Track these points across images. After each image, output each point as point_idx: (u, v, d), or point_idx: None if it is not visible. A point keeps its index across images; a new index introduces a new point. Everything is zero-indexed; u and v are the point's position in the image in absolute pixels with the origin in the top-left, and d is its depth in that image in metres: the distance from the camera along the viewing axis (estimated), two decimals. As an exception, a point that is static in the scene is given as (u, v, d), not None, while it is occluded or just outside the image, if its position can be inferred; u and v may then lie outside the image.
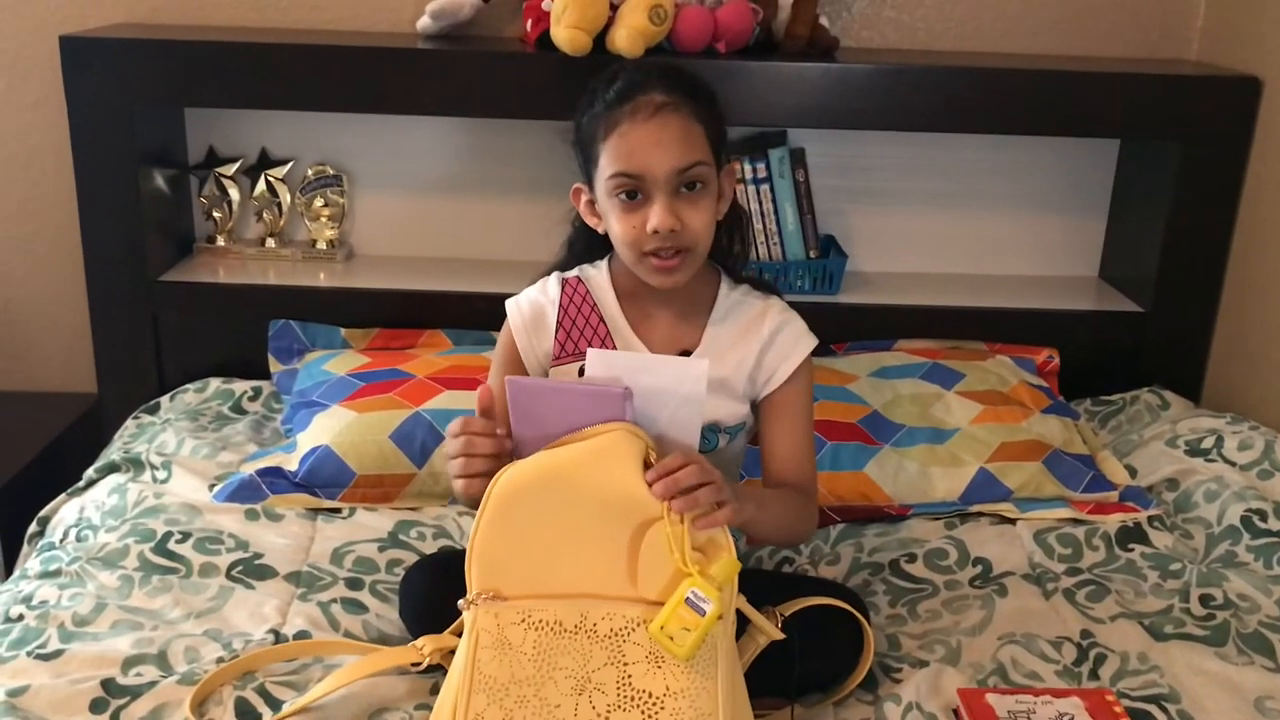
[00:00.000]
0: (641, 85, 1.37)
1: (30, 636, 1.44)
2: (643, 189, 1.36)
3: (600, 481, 1.19)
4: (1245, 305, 2.16)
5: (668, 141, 1.35)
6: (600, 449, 1.20)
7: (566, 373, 1.48)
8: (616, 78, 1.39)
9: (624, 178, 1.36)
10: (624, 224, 1.38)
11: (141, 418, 2.06)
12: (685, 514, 1.18)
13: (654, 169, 1.35)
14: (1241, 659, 1.49)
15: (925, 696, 1.37)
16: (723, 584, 1.17)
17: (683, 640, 1.15)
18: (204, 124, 2.29)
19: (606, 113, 1.37)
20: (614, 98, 1.37)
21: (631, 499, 1.19)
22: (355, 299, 2.20)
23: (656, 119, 1.35)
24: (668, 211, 1.35)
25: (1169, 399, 2.15)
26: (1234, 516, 1.76)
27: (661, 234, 1.36)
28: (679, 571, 1.17)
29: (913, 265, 2.41)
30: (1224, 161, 2.15)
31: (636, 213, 1.37)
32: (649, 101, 1.36)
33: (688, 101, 1.37)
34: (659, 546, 1.18)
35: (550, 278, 1.53)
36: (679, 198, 1.37)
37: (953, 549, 1.73)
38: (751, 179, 2.21)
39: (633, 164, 1.35)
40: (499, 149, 2.31)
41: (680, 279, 1.41)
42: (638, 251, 1.39)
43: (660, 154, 1.35)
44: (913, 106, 2.09)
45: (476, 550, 1.22)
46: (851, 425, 1.92)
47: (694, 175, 1.37)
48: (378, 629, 1.52)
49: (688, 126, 1.37)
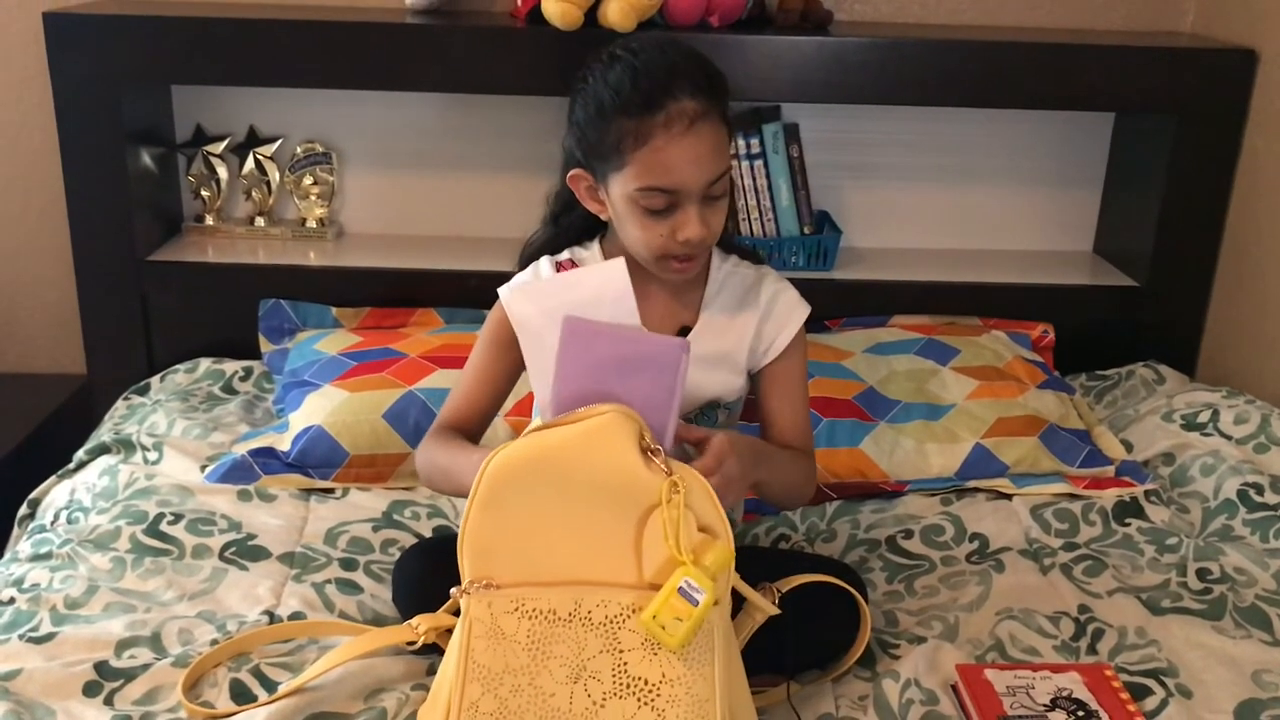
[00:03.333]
0: (670, 89, 1.31)
1: (22, 620, 1.43)
2: (674, 201, 1.34)
3: (594, 465, 1.17)
4: (1241, 279, 2.15)
5: (704, 157, 1.33)
6: (593, 431, 1.17)
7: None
8: (636, 71, 1.32)
9: (659, 193, 1.33)
10: (649, 232, 1.36)
11: (132, 399, 2.05)
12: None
13: (689, 184, 1.33)
14: (1239, 632, 1.49)
15: (923, 673, 1.37)
16: (717, 574, 1.15)
17: (675, 630, 1.13)
18: (191, 101, 2.27)
19: (633, 119, 1.31)
20: (641, 101, 1.31)
21: (628, 482, 1.16)
22: (346, 278, 2.19)
23: (693, 134, 1.31)
24: (701, 223, 1.35)
25: (1164, 373, 2.15)
26: (1230, 490, 1.76)
27: (693, 243, 1.35)
28: (673, 559, 1.15)
29: (907, 241, 2.40)
30: (1220, 135, 2.13)
31: (664, 221, 1.35)
32: (682, 111, 1.31)
33: (717, 105, 1.34)
34: (661, 531, 1.16)
35: (542, 261, 1.50)
36: (706, 204, 1.36)
37: (949, 525, 1.73)
38: (745, 154, 2.19)
39: (669, 180, 1.33)
40: (490, 126, 2.29)
41: (696, 271, 1.43)
42: (659, 255, 1.38)
43: (697, 170, 1.32)
44: (907, 80, 2.07)
45: (467, 538, 1.20)
46: (847, 401, 1.92)
47: (722, 184, 1.36)
48: (372, 609, 1.51)
49: (719, 135, 1.34)
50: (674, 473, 1.16)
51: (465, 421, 1.48)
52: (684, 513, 1.15)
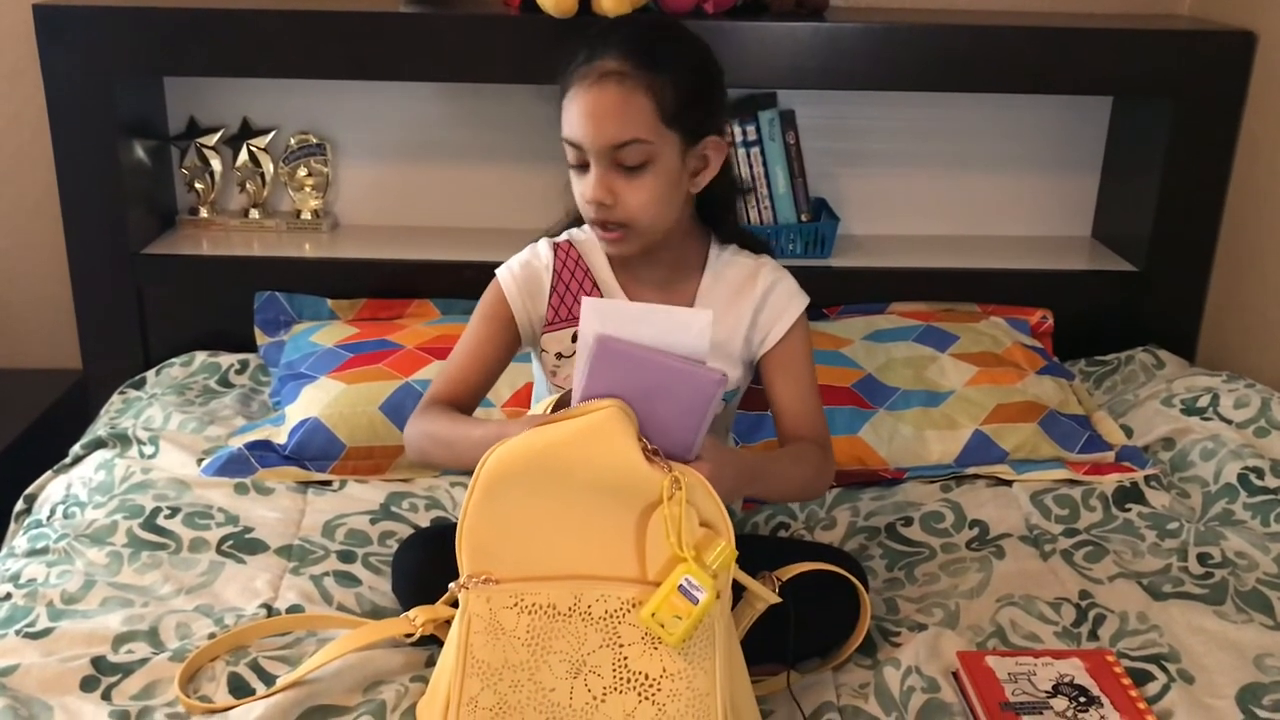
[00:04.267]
0: (600, 48, 1.32)
1: (19, 615, 1.43)
2: (583, 158, 1.34)
3: (593, 460, 1.15)
4: (1240, 263, 2.14)
5: (600, 115, 1.31)
6: (591, 427, 1.15)
7: (559, 339, 1.45)
8: (594, 33, 1.36)
9: (569, 146, 1.35)
10: (576, 190, 1.38)
11: (127, 393, 2.04)
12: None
13: (584, 139, 1.33)
14: (1240, 617, 1.48)
15: (924, 660, 1.36)
16: (718, 571, 1.14)
17: (674, 628, 1.13)
18: (184, 93, 2.25)
19: (570, 72, 1.34)
20: (581, 58, 1.34)
21: (629, 478, 1.15)
22: (341, 269, 2.18)
23: (595, 89, 1.31)
24: (598, 184, 1.34)
25: (1164, 358, 2.14)
26: (1231, 475, 1.76)
27: (592, 205, 1.35)
28: (674, 557, 1.14)
29: (905, 228, 2.39)
30: (1218, 117, 2.12)
31: (582, 179, 1.36)
32: (599, 67, 1.32)
33: (640, 72, 1.31)
34: (662, 527, 1.15)
35: (540, 242, 1.50)
36: (616, 172, 1.34)
37: (949, 512, 1.72)
38: (741, 142, 2.18)
39: (572, 131, 1.34)
40: (485, 115, 2.27)
41: (626, 250, 1.40)
42: (587, 218, 1.39)
43: (592, 126, 1.32)
44: (903, 66, 2.06)
45: (466, 533, 1.18)
46: (846, 389, 1.91)
47: (630, 153, 1.32)
48: (371, 601, 1.51)
49: (628, 100, 1.31)
50: (674, 469, 1.15)
51: (457, 397, 1.45)
52: (685, 509, 1.14)
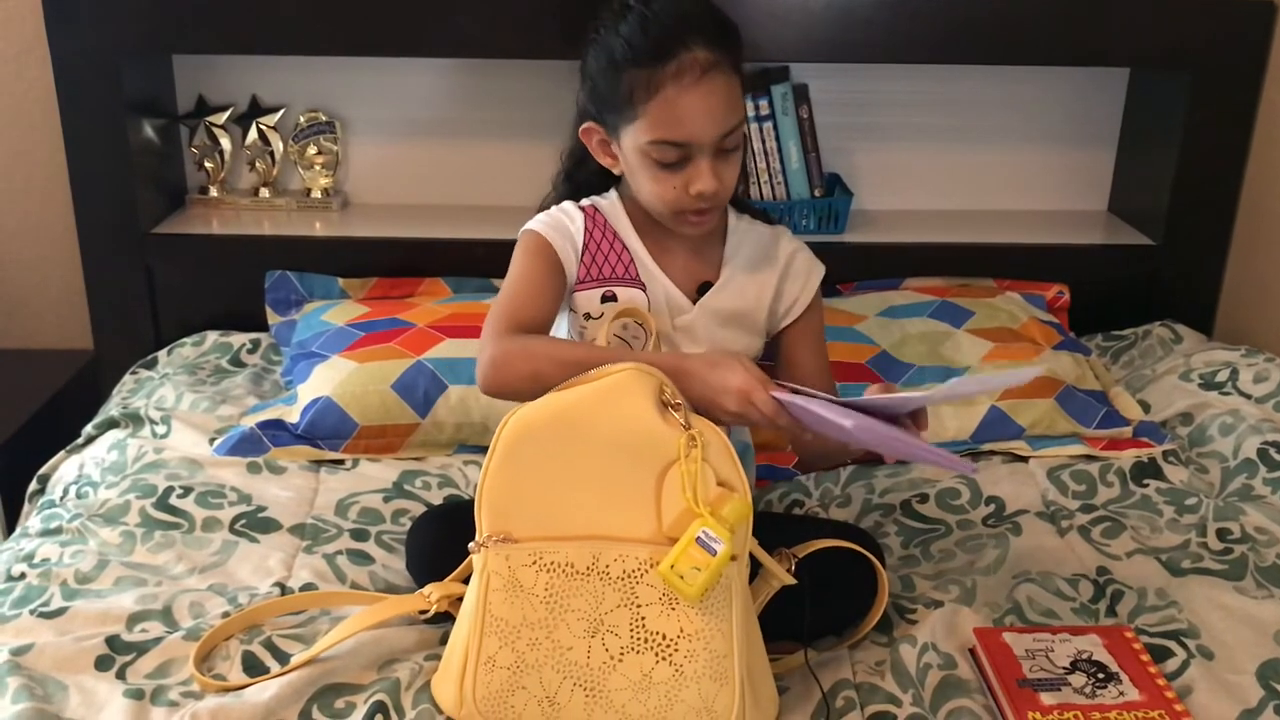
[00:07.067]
0: (681, 38, 1.29)
1: (33, 595, 1.43)
2: (686, 154, 1.33)
3: (612, 421, 1.17)
4: (1258, 237, 2.12)
5: (716, 108, 1.31)
6: (611, 388, 1.18)
7: (589, 298, 1.43)
8: (647, 20, 1.31)
9: (670, 147, 1.32)
10: (661, 185, 1.35)
11: (139, 373, 2.04)
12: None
13: (701, 137, 1.31)
14: (1260, 592, 1.47)
15: (941, 637, 1.35)
16: (734, 525, 1.16)
17: (693, 580, 1.14)
18: (192, 72, 2.24)
19: (644, 69, 1.30)
20: (650, 50, 1.29)
21: (646, 437, 1.17)
22: (352, 248, 2.17)
23: (704, 84, 1.29)
24: (713, 175, 1.33)
25: (1181, 333, 2.12)
26: (1250, 450, 1.74)
27: (703, 196, 1.34)
28: (689, 511, 1.15)
29: (919, 202, 2.37)
30: (1237, 90, 2.10)
31: (677, 174, 1.34)
32: (694, 61, 1.29)
33: (727, 55, 1.32)
34: (679, 486, 1.16)
35: (566, 204, 1.48)
36: (719, 158, 1.34)
37: (965, 488, 1.71)
38: (754, 116, 2.16)
39: (680, 133, 1.31)
40: (496, 91, 2.26)
41: (712, 225, 1.41)
42: (674, 209, 1.37)
43: (709, 122, 1.31)
44: (918, 38, 2.04)
45: (486, 493, 1.20)
46: (860, 365, 1.90)
47: (735, 137, 1.34)
48: (384, 579, 1.50)
49: (731, 86, 1.32)
50: (692, 426, 1.16)
51: (533, 324, 1.36)
52: (701, 466, 1.16)
